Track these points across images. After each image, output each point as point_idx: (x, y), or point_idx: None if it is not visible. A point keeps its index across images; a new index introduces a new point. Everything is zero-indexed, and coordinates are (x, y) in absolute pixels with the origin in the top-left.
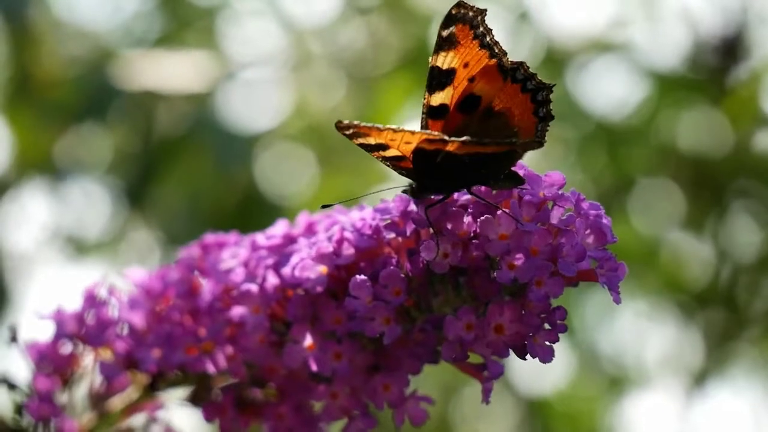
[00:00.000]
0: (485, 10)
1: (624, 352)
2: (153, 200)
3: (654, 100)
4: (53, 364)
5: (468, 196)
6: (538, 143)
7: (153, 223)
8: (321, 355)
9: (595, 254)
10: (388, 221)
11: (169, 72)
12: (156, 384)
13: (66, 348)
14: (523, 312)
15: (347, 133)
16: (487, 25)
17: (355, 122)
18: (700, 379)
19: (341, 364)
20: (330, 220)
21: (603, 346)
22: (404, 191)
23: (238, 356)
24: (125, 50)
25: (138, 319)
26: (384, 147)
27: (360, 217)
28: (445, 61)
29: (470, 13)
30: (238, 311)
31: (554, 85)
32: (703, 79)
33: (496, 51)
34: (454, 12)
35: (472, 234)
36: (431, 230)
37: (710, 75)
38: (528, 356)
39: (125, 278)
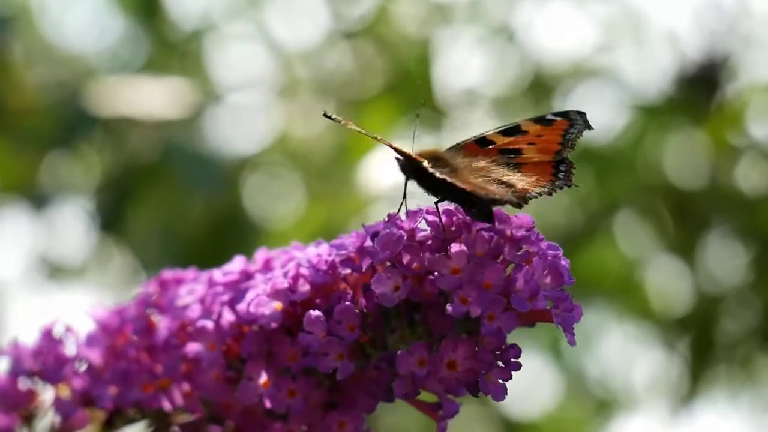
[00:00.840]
0: (591, 128)
1: (611, 375)
2: (129, 226)
3: (639, 125)
4: (11, 401)
5: (426, 232)
6: (515, 203)
7: (128, 249)
8: (275, 392)
9: (551, 294)
10: (344, 257)
11: (146, 98)
12: (113, 421)
13: (24, 384)
14: (476, 349)
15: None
16: (574, 139)
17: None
18: (686, 401)
19: (296, 401)
20: (287, 256)
21: (590, 369)
22: (396, 159)
23: (195, 393)
24: (110, 74)
25: (95, 355)
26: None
27: (316, 252)
28: (530, 127)
29: (579, 120)
30: (193, 348)
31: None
32: (689, 103)
33: (564, 151)
34: (571, 112)
35: (426, 268)
36: (387, 264)
37: (696, 99)
38: (480, 394)
39: (87, 315)
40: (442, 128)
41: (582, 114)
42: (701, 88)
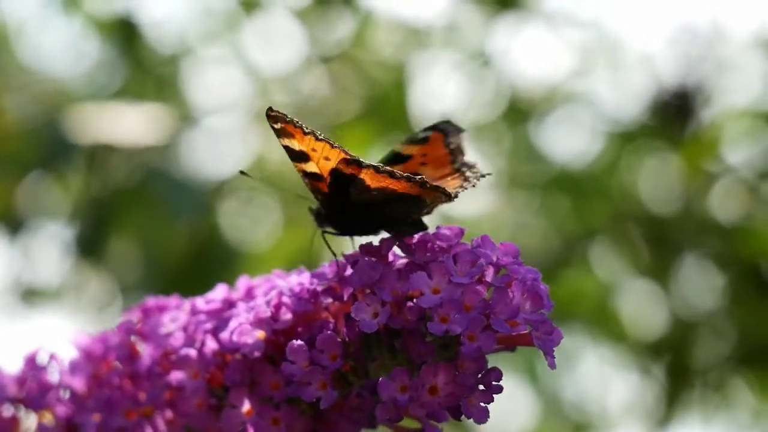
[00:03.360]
0: (463, 131)
1: (587, 398)
2: (108, 250)
3: (614, 150)
4: None
5: (404, 260)
6: (448, 196)
7: (108, 273)
8: (259, 421)
9: (531, 318)
10: (326, 286)
11: (124, 125)
12: None
13: (7, 411)
14: (457, 373)
15: (275, 126)
16: (459, 144)
17: (286, 115)
18: (661, 425)
19: (279, 429)
20: (269, 284)
21: (567, 392)
22: (310, 209)
23: (178, 420)
24: (87, 98)
25: (79, 383)
26: (305, 157)
27: (298, 281)
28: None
29: (450, 127)
30: (176, 376)
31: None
32: (664, 129)
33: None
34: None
35: (405, 295)
36: (367, 291)
37: (671, 124)
38: (463, 417)
39: (70, 342)
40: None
41: (448, 122)
42: (676, 113)
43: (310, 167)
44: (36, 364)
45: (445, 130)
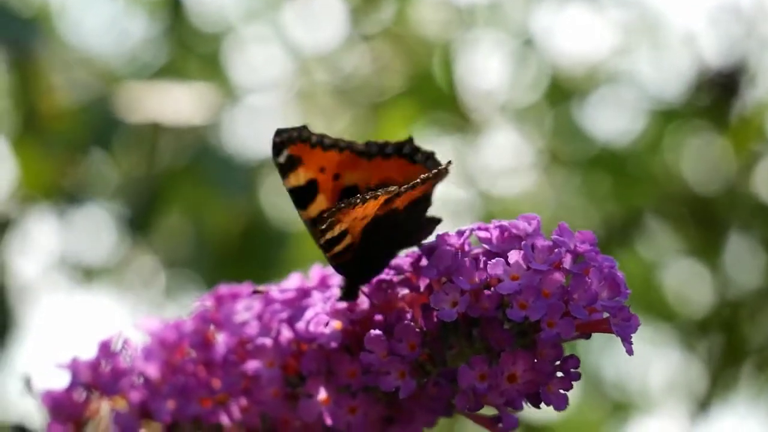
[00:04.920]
0: (304, 125)
1: (628, 378)
2: (157, 228)
3: (657, 129)
4: (67, 412)
5: (479, 249)
6: (445, 170)
7: (157, 251)
8: (336, 409)
9: (609, 304)
10: (402, 277)
11: (172, 103)
12: None
13: (80, 396)
14: (535, 360)
15: (323, 227)
16: (315, 133)
17: (333, 208)
18: (704, 405)
19: (356, 417)
20: None
21: (607, 372)
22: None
23: (253, 409)
24: (131, 78)
25: (153, 369)
26: (344, 235)
27: None
28: (298, 178)
29: (294, 133)
30: (252, 365)
31: (411, 139)
32: (707, 107)
33: (342, 145)
34: (278, 140)
35: (483, 283)
36: (443, 280)
37: (714, 103)
38: (542, 405)
39: (139, 328)
40: (461, 131)
41: (280, 132)
42: (720, 92)
43: (346, 242)
44: (109, 350)
45: (291, 139)
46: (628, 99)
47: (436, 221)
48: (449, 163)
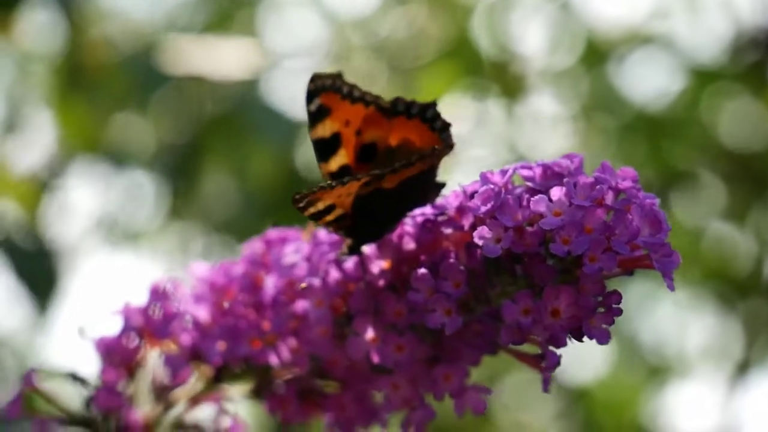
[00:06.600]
0: (339, 73)
1: (665, 342)
2: (200, 184)
3: (695, 91)
4: (120, 357)
5: (521, 187)
6: (450, 147)
7: (200, 208)
8: (383, 348)
9: (650, 240)
10: (446, 217)
11: (216, 58)
12: (220, 376)
13: (132, 341)
14: (578, 295)
15: (300, 206)
16: (349, 83)
17: (309, 190)
18: (742, 369)
19: (403, 355)
20: None
21: (644, 336)
22: (339, 254)
23: (302, 349)
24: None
25: (202, 312)
26: (331, 209)
27: (420, 212)
28: (325, 129)
29: (328, 81)
30: (302, 305)
31: (435, 103)
32: (745, 71)
33: (368, 99)
34: (312, 87)
35: (526, 220)
36: (487, 218)
37: (752, 66)
38: (585, 339)
39: (188, 272)
40: (497, 95)
41: (319, 76)
42: (758, 53)
43: (336, 213)
44: (159, 294)
45: (325, 87)
46: (665, 62)
47: (439, 186)
48: (448, 147)
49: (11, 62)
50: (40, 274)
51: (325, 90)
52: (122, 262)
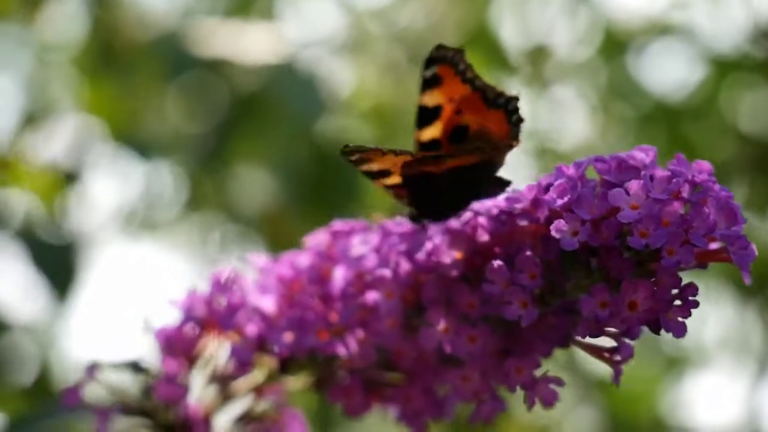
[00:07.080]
0: (462, 49)
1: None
2: (229, 171)
3: (714, 81)
4: (180, 347)
5: (594, 181)
6: (511, 144)
7: (225, 196)
8: (456, 339)
9: (727, 233)
10: (521, 209)
11: (241, 43)
12: (285, 367)
13: (193, 332)
14: (655, 288)
15: (353, 159)
16: (466, 62)
17: (362, 146)
18: (762, 361)
19: (476, 346)
20: None
21: None
22: (408, 215)
23: (369, 340)
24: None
25: (268, 303)
26: (386, 173)
27: (494, 203)
28: (431, 99)
29: (450, 54)
30: (372, 296)
31: (518, 96)
32: (765, 61)
33: (477, 84)
34: (434, 55)
35: (602, 213)
36: (563, 211)
37: None
38: (662, 331)
39: (249, 264)
40: (516, 86)
41: (442, 47)
42: None
43: (392, 180)
44: (223, 285)
45: (446, 59)
46: (685, 52)
47: (503, 184)
48: (508, 145)
49: (35, 51)
50: (59, 264)
51: (444, 61)
52: (142, 253)
